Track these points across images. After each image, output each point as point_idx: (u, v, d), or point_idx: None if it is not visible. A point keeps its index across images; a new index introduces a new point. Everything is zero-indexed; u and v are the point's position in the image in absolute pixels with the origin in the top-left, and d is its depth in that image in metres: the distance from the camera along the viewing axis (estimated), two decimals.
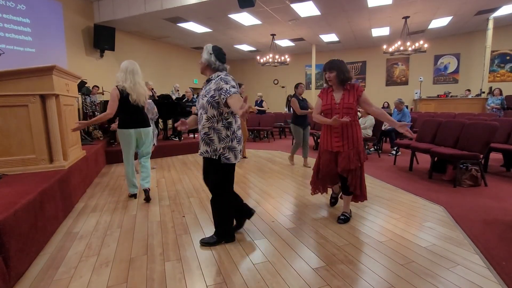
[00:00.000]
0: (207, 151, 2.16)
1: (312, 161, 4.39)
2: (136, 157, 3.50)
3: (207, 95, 2.09)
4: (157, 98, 6.61)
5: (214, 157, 2.14)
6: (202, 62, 2.18)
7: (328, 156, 2.69)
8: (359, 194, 2.69)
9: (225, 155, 2.13)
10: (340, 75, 2.53)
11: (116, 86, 3.09)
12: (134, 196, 3.51)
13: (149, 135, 3.38)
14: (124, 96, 3.08)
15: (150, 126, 3.39)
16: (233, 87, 2.02)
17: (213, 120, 2.10)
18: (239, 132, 2.22)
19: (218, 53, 2.15)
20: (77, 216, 2.96)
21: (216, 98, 2.04)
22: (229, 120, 2.13)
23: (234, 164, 2.22)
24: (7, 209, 1.86)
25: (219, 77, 2.10)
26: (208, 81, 2.16)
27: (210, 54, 2.13)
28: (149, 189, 3.37)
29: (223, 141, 2.12)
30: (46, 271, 1.96)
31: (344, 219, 2.71)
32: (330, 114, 2.59)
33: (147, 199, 3.33)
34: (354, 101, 2.52)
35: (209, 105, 2.07)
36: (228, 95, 1.97)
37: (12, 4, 6.63)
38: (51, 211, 2.50)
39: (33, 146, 2.90)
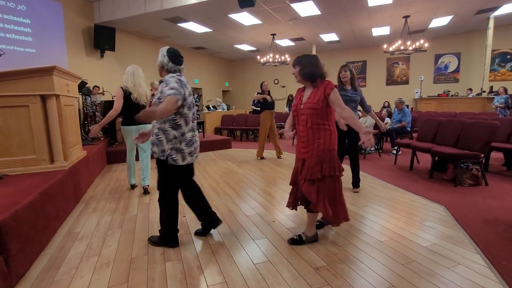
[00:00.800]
0: (155, 152, 2.19)
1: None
2: (137, 157, 3.73)
3: (158, 96, 2.14)
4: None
5: (162, 158, 2.16)
6: (158, 64, 2.23)
7: (297, 163, 2.32)
8: (328, 214, 2.14)
9: (172, 156, 2.14)
10: (303, 70, 2.17)
11: (121, 86, 3.46)
12: (133, 186, 3.86)
13: None
14: (127, 95, 3.44)
15: (150, 123, 3.44)
16: (172, 88, 2.03)
17: (161, 120, 2.14)
18: (189, 135, 2.20)
19: (172, 55, 2.18)
20: (78, 216, 2.96)
21: (161, 99, 2.06)
22: (176, 121, 2.13)
23: (182, 166, 2.19)
24: (8, 209, 1.86)
25: (165, 79, 2.15)
26: (161, 82, 2.20)
27: (164, 56, 2.18)
28: (148, 187, 3.65)
29: (170, 142, 2.14)
30: (47, 271, 1.97)
31: (293, 240, 2.30)
32: (297, 116, 2.28)
33: (145, 192, 3.65)
34: (319, 101, 2.12)
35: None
36: (164, 97, 2.01)
37: (13, 4, 6.63)
38: (52, 211, 2.50)
39: (34, 146, 2.91)
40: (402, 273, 1.87)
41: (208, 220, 2.49)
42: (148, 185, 3.62)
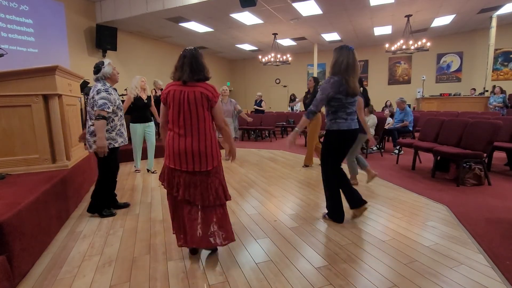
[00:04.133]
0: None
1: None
2: (143, 156, 4.75)
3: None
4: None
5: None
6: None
7: None
8: None
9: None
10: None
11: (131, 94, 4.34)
12: (137, 171, 4.78)
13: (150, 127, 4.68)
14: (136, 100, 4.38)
15: (152, 121, 4.70)
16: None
17: None
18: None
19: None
20: (80, 215, 2.97)
21: None
22: None
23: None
24: (11, 208, 1.87)
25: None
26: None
27: None
28: (150, 170, 4.75)
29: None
30: (49, 270, 1.97)
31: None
32: None
33: (154, 172, 4.71)
34: None
35: None
36: None
37: (15, 4, 6.66)
38: (54, 211, 2.51)
39: (36, 146, 2.92)
40: (404, 273, 1.86)
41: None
42: (150, 169, 4.78)
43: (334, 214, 2.72)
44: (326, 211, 2.80)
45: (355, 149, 3.69)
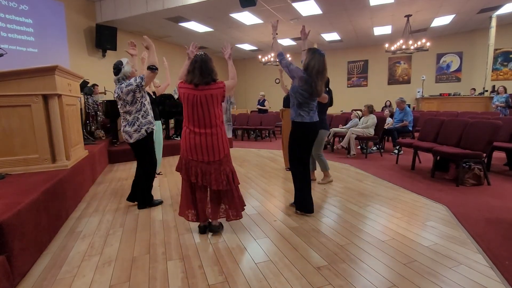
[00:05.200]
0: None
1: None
2: None
3: None
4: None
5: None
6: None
7: None
8: None
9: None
10: None
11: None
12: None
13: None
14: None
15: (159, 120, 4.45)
16: None
17: None
18: None
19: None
20: (80, 215, 2.97)
21: None
22: None
23: None
24: (10, 208, 1.87)
25: None
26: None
27: None
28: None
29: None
30: (49, 270, 1.98)
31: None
32: None
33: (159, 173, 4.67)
34: None
35: None
36: None
37: (15, 4, 6.65)
38: (54, 211, 2.51)
39: (36, 145, 2.92)
40: (403, 273, 1.87)
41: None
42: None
43: (302, 205, 2.86)
44: (294, 206, 2.94)
45: (320, 144, 3.86)
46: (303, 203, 2.87)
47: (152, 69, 2.86)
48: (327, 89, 3.79)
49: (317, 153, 3.88)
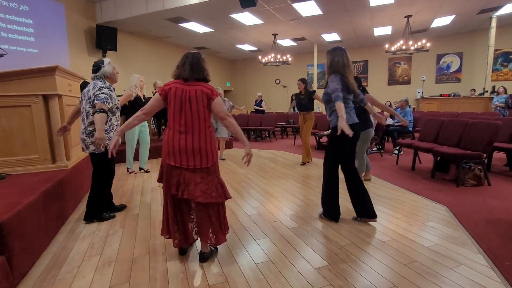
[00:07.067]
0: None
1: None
2: (135, 158, 4.73)
3: None
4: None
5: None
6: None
7: None
8: None
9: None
10: None
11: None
12: (132, 172, 4.71)
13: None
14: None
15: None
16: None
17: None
18: None
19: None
20: (80, 215, 2.97)
21: None
22: None
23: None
24: (10, 209, 1.87)
25: None
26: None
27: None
28: (143, 168, 4.80)
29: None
30: (49, 270, 1.97)
31: None
32: None
33: (147, 171, 4.80)
34: None
35: None
36: None
37: (15, 5, 6.66)
38: (54, 211, 2.51)
39: (36, 146, 2.92)
40: (404, 273, 1.87)
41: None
42: (142, 168, 4.83)
43: (330, 213, 2.74)
44: (322, 210, 2.82)
45: (363, 145, 3.81)
46: (328, 211, 2.74)
47: (99, 111, 2.54)
48: (361, 87, 3.62)
49: (361, 152, 3.80)
